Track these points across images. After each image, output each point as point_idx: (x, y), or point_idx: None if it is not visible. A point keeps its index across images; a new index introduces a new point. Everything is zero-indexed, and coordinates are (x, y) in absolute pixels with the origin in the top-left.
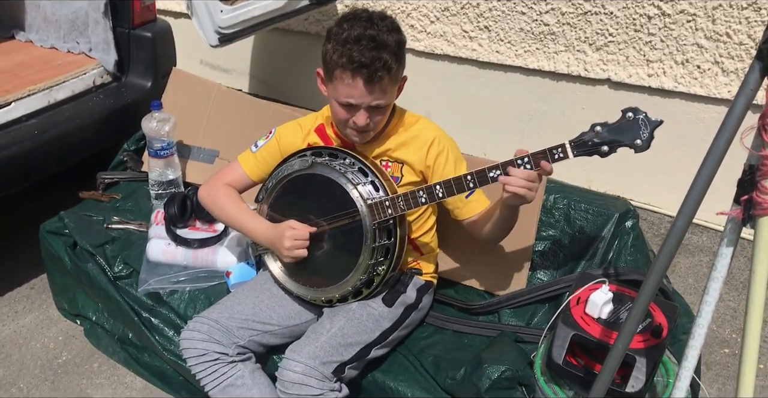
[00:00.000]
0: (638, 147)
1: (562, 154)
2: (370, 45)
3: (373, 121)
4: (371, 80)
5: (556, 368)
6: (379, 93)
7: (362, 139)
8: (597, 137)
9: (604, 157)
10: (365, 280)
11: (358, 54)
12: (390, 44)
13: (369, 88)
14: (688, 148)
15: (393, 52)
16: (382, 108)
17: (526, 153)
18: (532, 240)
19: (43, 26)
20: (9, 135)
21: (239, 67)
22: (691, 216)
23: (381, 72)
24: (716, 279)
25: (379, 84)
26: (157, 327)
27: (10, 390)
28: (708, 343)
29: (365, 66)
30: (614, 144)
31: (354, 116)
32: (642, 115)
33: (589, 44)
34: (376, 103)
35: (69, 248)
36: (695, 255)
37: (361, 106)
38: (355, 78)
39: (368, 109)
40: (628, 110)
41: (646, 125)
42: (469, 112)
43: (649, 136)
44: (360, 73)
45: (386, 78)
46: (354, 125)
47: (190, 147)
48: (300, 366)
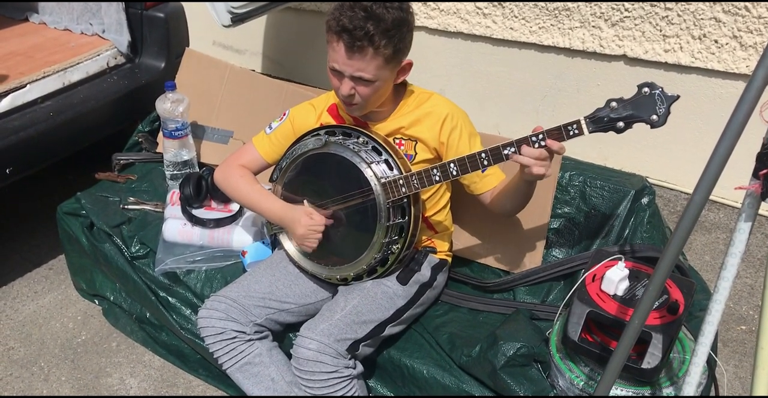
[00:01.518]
0: (655, 123)
1: (577, 131)
2: (361, 14)
3: (360, 94)
4: (351, 47)
5: (572, 345)
6: (360, 64)
7: (352, 112)
8: (612, 113)
9: (620, 132)
10: (380, 259)
11: (346, 19)
12: (384, 19)
13: (348, 54)
14: (706, 124)
15: (384, 28)
16: (366, 81)
17: (542, 129)
18: (547, 217)
19: (57, 8)
20: (25, 117)
21: (252, 48)
22: (709, 192)
23: (362, 41)
24: (734, 254)
25: (360, 53)
26: (174, 306)
27: (32, 368)
28: (725, 320)
29: (347, 31)
30: (630, 120)
31: (341, 84)
32: (658, 89)
33: (605, 20)
34: (358, 73)
35: (86, 229)
36: (712, 232)
37: (344, 73)
38: (339, 42)
39: (352, 79)
40: (644, 85)
41: (662, 100)
42: (483, 90)
43: (666, 111)
44: (341, 37)
45: (369, 49)
46: (339, 92)
47: (204, 127)
48: (314, 343)
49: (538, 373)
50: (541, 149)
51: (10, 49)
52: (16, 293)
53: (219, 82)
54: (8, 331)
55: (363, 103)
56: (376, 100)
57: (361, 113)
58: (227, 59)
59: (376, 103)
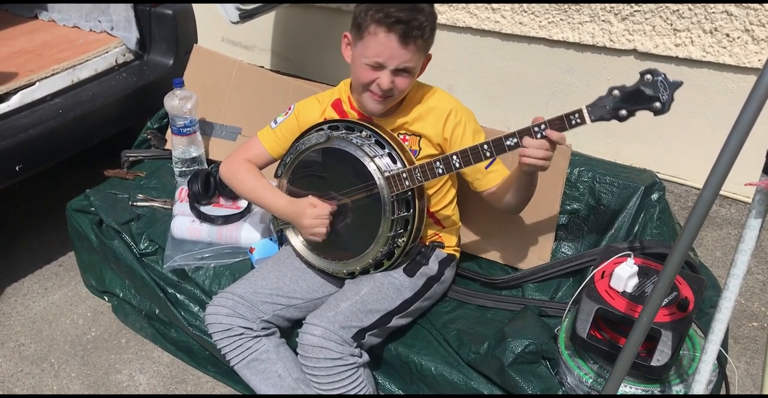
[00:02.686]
0: (658, 110)
1: (579, 120)
2: (407, 5)
3: (397, 86)
4: (406, 37)
5: (581, 342)
6: (409, 54)
7: (379, 108)
8: (615, 101)
9: (623, 121)
10: (386, 252)
11: (395, 10)
12: (425, 10)
13: (403, 45)
14: (717, 119)
15: (428, 19)
16: (407, 72)
17: (542, 120)
18: (556, 213)
19: (66, 5)
20: (34, 114)
21: (260, 44)
22: (718, 188)
23: (416, 31)
24: (744, 251)
25: (414, 44)
26: (183, 302)
27: (42, 365)
28: (736, 317)
29: (403, 22)
30: (633, 107)
31: (378, 78)
32: (661, 76)
33: (615, 14)
34: (404, 65)
35: (95, 226)
36: (723, 227)
37: (388, 66)
38: (390, 34)
39: (394, 71)
40: (646, 72)
41: (665, 87)
42: (492, 85)
43: (669, 98)
44: (395, 28)
45: (419, 41)
46: (377, 88)
47: (212, 124)
48: (320, 329)
49: (547, 370)
50: (542, 140)
51: (19, 46)
52: (26, 290)
53: (227, 78)
54: (19, 328)
55: (397, 96)
56: (405, 92)
57: (387, 108)
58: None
59: (403, 95)
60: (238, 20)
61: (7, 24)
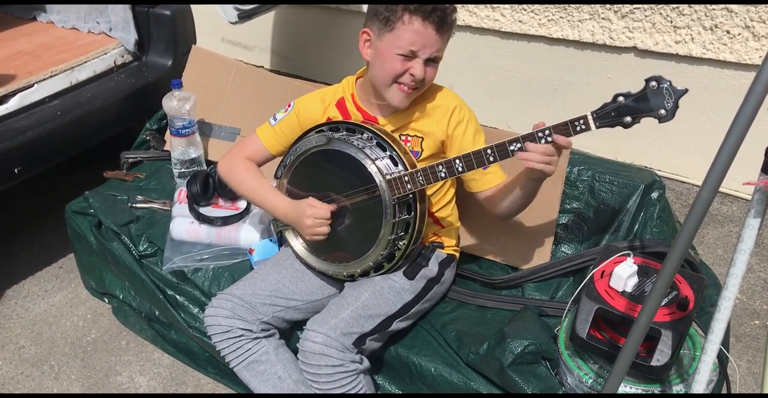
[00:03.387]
0: (663, 117)
1: (584, 126)
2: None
3: (427, 76)
4: (443, 24)
5: (580, 342)
6: (442, 43)
7: (406, 102)
8: (620, 108)
9: (627, 127)
10: (386, 255)
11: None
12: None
13: (440, 33)
14: (718, 116)
15: (454, 8)
16: (437, 62)
17: (545, 125)
18: (555, 213)
19: (64, 7)
20: (32, 116)
21: (260, 44)
22: (717, 187)
23: (451, 18)
24: (743, 251)
25: (448, 33)
26: (182, 304)
27: (42, 367)
28: (738, 315)
29: (439, 8)
30: (638, 114)
31: (411, 68)
32: (666, 83)
33: (614, 11)
34: (436, 54)
35: (94, 227)
36: (724, 225)
37: (421, 55)
38: (426, 21)
39: (428, 61)
40: (651, 79)
41: (670, 94)
42: (492, 84)
43: (674, 105)
44: (431, 17)
45: (452, 29)
46: (409, 79)
47: (211, 125)
48: (320, 336)
49: (547, 371)
50: (548, 145)
51: (17, 48)
52: (26, 292)
53: (226, 79)
54: (19, 330)
55: (423, 88)
56: (431, 82)
57: (410, 102)
58: (236, 55)
59: (429, 83)
60: (237, 21)
61: (5, 26)
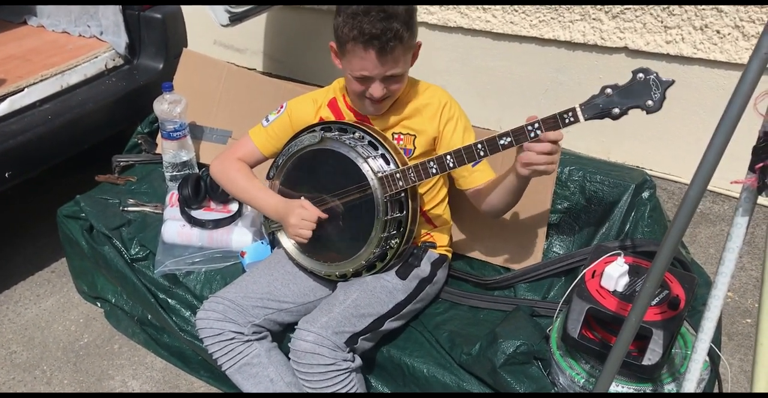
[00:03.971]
0: (650, 108)
1: (572, 118)
2: (380, 15)
3: (390, 90)
4: (384, 51)
5: (572, 342)
6: (393, 63)
7: (379, 110)
8: (607, 99)
9: (616, 119)
10: (378, 254)
11: (368, 25)
12: (400, 13)
13: (382, 59)
14: (709, 116)
15: (404, 21)
16: (397, 77)
17: (536, 118)
18: (547, 213)
19: (55, 11)
20: (23, 120)
21: (252, 46)
22: (705, 185)
23: (393, 42)
24: (732, 249)
25: (392, 54)
26: (174, 308)
27: (34, 372)
28: (730, 313)
29: (376, 37)
30: (626, 106)
31: (370, 88)
32: (653, 75)
33: (605, 12)
34: (390, 73)
35: (86, 231)
36: (716, 224)
37: (375, 78)
38: (368, 50)
39: (383, 79)
40: (638, 71)
41: (657, 85)
42: (484, 85)
43: (661, 96)
44: (372, 44)
45: (399, 48)
46: (371, 96)
47: (203, 128)
48: (312, 335)
49: (539, 371)
50: (545, 144)
51: (8, 52)
52: (18, 296)
53: (217, 81)
54: (11, 335)
55: (392, 98)
56: (402, 89)
57: (388, 107)
58: (228, 58)
59: (401, 92)
60: (228, 23)
61: None
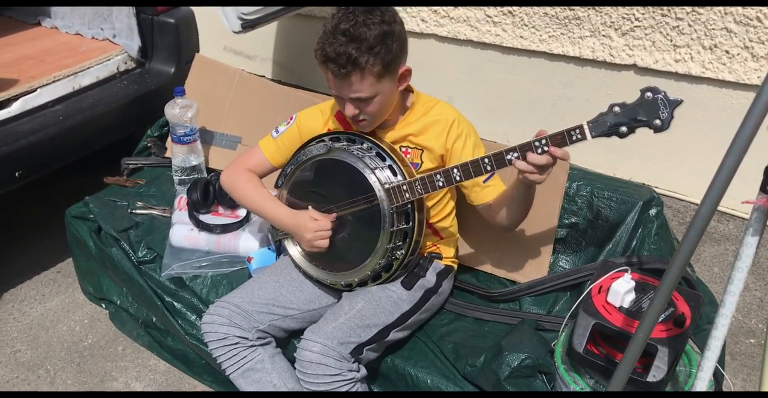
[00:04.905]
0: (658, 127)
1: (579, 135)
2: (342, 39)
3: (365, 112)
4: (338, 74)
5: (577, 357)
6: (351, 86)
7: (361, 128)
8: (615, 117)
9: (623, 137)
10: (384, 264)
11: (329, 47)
12: (365, 38)
13: (338, 81)
14: (717, 135)
15: (367, 47)
16: (365, 100)
17: (545, 134)
18: (554, 227)
19: (69, 13)
20: (34, 121)
21: (262, 54)
22: (716, 204)
23: (347, 67)
24: (740, 268)
25: (348, 79)
26: (180, 311)
27: (38, 371)
28: (734, 333)
29: (331, 60)
30: (633, 124)
31: (344, 106)
32: (661, 94)
33: (615, 29)
34: (355, 95)
35: (93, 233)
36: (721, 243)
37: (344, 96)
38: (326, 71)
39: (352, 100)
40: (646, 90)
41: (665, 104)
42: (492, 98)
43: (669, 115)
44: (327, 66)
45: (356, 73)
46: (345, 115)
47: (213, 133)
48: (318, 346)
49: (543, 385)
50: (546, 156)
51: (22, 52)
52: (24, 296)
53: (228, 87)
54: (15, 334)
55: (371, 119)
56: (385, 113)
57: (372, 127)
58: (238, 65)
59: (386, 115)
60: (240, 30)
61: (10, 30)
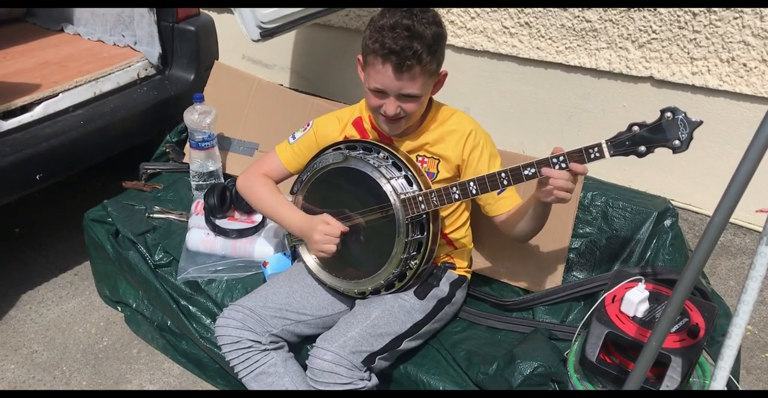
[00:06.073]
0: (677, 148)
1: (598, 154)
2: (404, 33)
3: (404, 109)
4: (400, 67)
5: (590, 365)
6: (408, 81)
7: (393, 130)
8: (635, 137)
9: (642, 157)
10: (398, 273)
11: (390, 41)
12: (425, 36)
13: (398, 75)
14: (733, 148)
15: (427, 44)
16: (413, 97)
17: (561, 151)
18: (568, 237)
19: (91, 20)
20: (56, 125)
21: (280, 63)
22: (729, 214)
23: (411, 61)
24: (755, 278)
25: (409, 72)
26: (195, 315)
27: (54, 372)
28: (749, 347)
29: (395, 53)
30: (652, 144)
31: (384, 104)
32: (681, 115)
33: (632, 41)
34: (406, 91)
35: (111, 236)
36: (737, 257)
37: (390, 93)
38: (385, 64)
39: (398, 97)
40: (666, 110)
41: (685, 125)
42: (508, 109)
43: (688, 136)
44: (389, 59)
45: (416, 67)
46: (384, 113)
47: (230, 139)
48: (329, 354)
49: None
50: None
51: (45, 58)
52: (41, 297)
53: (246, 95)
54: (32, 335)
55: (408, 118)
56: (419, 114)
57: (401, 129)
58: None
59: (418, 117)
60: (259, 38)
61: (34, 36)
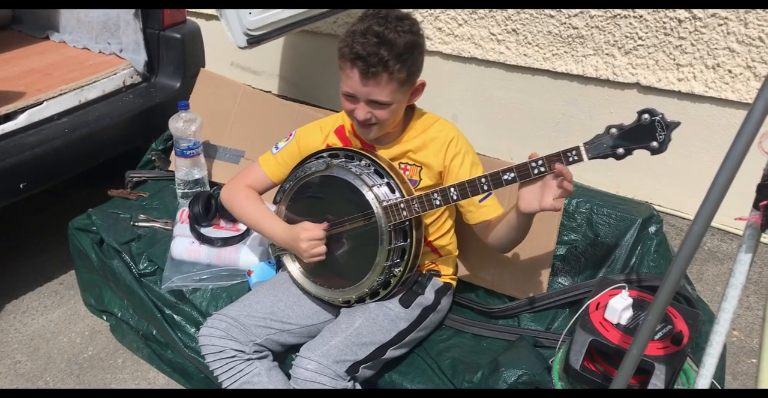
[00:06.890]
0: (655, 149)
1: (576, 157)
2: (374, 40)
3: (376, 116)
4: (366, 73)
5: (574, 373)
6: (375, 88)
7: (366, 135)
8: (612, 139)
9: (620, 159)
10: (382, 281)
11: (359, 46)
12: (396, 44)
13: (363, 80)
14: (719, 154)
15: (396, 52)
16: (382, 104)
17: (538, 156)
18: (553, 244)
19: (77, 27)
20: (40, 133)
21: (269, 69)
22: (708, 221)
23: (376, 67)
24: (734, 286)
25: (374, 79)
26: (179, 324)
27: (37, 383)
28: (735, 353)
29: (361, 58)
30: (630, 146)
31: (356, 108)
32: (658, 116)
33: (618, 48)
34: (374, 97)
35: (96, 245)
36: (724, 263)
37: (360, 98)
38: (353, 69)
39: (368, 103)
40: (644, 111)
41: (663, 127)
42: (495, 116)
43: (666, 137)
44: (356, 64)
45: (383, 74)
46: (355, 117)
47: (216, 147)
48: (312, 364)
49: None
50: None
51: (29, 66)
52: (26, 307)
53: (232, 102)
54: (16, 345)
55: (381, 125)
56: (392, 121)
57: (378, 135)
58: (244, 80)
59: (392, 124)
60: (246, 45)
61: (19, 44)
